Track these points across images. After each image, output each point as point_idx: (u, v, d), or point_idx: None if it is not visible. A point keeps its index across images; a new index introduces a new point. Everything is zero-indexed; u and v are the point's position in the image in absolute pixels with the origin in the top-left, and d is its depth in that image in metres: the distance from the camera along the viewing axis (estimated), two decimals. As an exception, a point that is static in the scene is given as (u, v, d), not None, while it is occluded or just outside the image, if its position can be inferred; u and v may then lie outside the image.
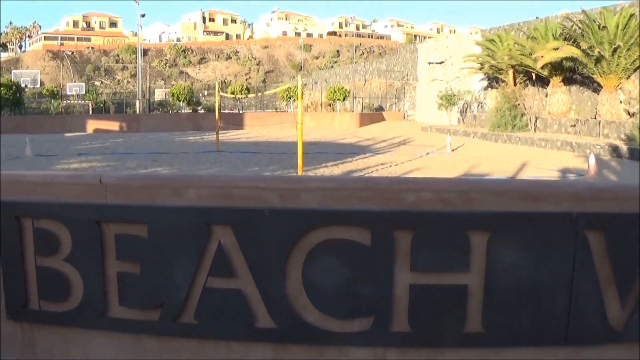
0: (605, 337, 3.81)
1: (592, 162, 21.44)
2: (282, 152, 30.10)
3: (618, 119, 34.27)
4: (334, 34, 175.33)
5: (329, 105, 69.98)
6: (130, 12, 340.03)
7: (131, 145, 36.91)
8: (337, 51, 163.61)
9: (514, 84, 43.50)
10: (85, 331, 4.17)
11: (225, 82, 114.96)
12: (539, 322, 3.77)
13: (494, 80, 48.82)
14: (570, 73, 39.98)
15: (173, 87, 72.70)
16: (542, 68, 38.86)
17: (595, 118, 35.83)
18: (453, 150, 31.03)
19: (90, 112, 66.80)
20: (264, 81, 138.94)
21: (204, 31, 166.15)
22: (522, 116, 40.25)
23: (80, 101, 74.21)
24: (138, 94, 71.56)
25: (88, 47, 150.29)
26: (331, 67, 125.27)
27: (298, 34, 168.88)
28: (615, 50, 34.23)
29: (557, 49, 36.84)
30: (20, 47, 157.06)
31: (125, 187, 4.03)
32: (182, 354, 4.05)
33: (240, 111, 73.21)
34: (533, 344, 3.82)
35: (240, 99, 72.93)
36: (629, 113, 34.82)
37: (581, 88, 40.22)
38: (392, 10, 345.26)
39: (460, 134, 43.52)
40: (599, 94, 37.16)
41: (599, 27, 35.25)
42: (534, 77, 42.02)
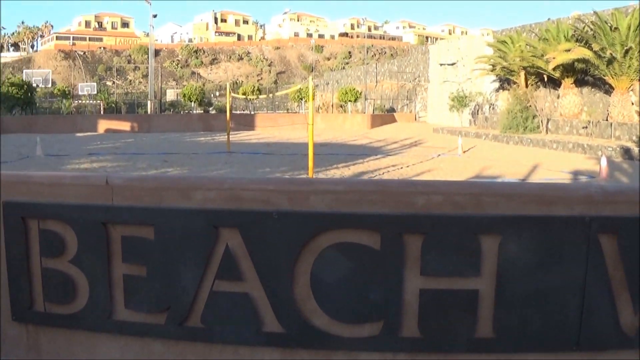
0: (618, 343, 3.76)
1: (604, 164, 21.38)
2: (293, 153, 30.07)
3: (630, 120, 34.14)
4: (345, 35, 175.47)
5: (340, 107, 70.08)
6: (143, 12, 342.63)
7: (142, 146, 36.99)
8: (349, 52, 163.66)
9: (526, 85, 43.44)
10: (90, 334, 4.13)
11: (237, 83, 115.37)
12: (550, 327, 3.72)
13: (505, 82, 48.75)
14: (582, 75, 39.89)
15: (184, 88, 73.00)
16: (553, 70, 38.78)
17: (606, 120, 35.75)
18: (464, 152, 30.99)
19: (101, 112, 67.04)
20: (275, 82, 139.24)
21: (216, 32, 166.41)
22: (533, 118, 40.17)
23: (92, 101, 74.59)
24: (150, 94, 71.67)
25: (100, 47, 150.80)
26: (343, 69, 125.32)
27: (310, 35, 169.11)
28: (627, 51, 34.12)
29: (569, 50, 36.77)
30: (32, 46, 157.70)
31: (132, 188, 4.00)
32: (189, 357, 4.00)
33: (252, 112, 73.40)
34: (544, 349, 3.77)
35: (252, 99, 73.17)
36: (640, 115, 34.73)
37: (593, 90, 40.12)
38: (404, 11, 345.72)
39: (472, 135, 43.47)
40: (610, 96, 37.06)
41: (610, 29, 35.17)
42: (545, 79, 41.98)
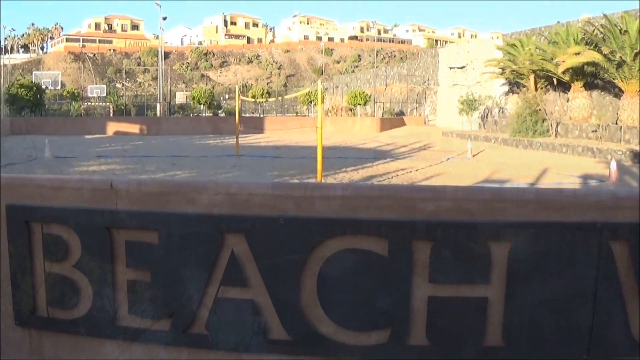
0: (629, 351, 3.70)
1: (614, 168, 21.35)
2: (302, 157, 30.05)
3: (640, 124, 34.07)
4: (355, 38, 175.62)
5: (349, 110, 70.07)
6: (152, 15, 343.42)
7: (151, 148, 37.04)
8: (359, 55, 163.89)
9: (535, 89, 43.39)
10: (93, 339, 4.09)
11: (247, 86, 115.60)
12: (561, 335, 3.66)
13: (515, 85, 48.75)
14: (591, 78, 39.85)
15: (194, 91, 73.09)
16: (563, 73, 38.75)
17: (616, 123, 35.66)
18: (474, 156, 30.94)
19: (111, 115, 67.16)
20: (285, 85, 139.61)
21: (225, 34, 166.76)
22: (543, 121, 40.11)
23: (101, 103, 74.77)
24: (159, 96, 71.92)
25: (110, 49, 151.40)
26: (352, 72, 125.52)
27: (319, 38, 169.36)
28: (636, 54, 34.00)
29: (579, 53, 36.71)
30: (42, 48, 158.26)
31: (136, 193, 3.95)
32: (193, 364, 3.96)
33: (261, 115, 73.51)
34: (555, 358, 3.70)
35: (261, 102, 73.18)
36: (650, 118, 34.62)
37: (602, 93, 40.05)
38: (413, 14, 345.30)
39: (481, 139, 43.41)
40: (620, 99, 36.99)
41: (620, 32, 35.09)
42: (555, 82, 41.97)
